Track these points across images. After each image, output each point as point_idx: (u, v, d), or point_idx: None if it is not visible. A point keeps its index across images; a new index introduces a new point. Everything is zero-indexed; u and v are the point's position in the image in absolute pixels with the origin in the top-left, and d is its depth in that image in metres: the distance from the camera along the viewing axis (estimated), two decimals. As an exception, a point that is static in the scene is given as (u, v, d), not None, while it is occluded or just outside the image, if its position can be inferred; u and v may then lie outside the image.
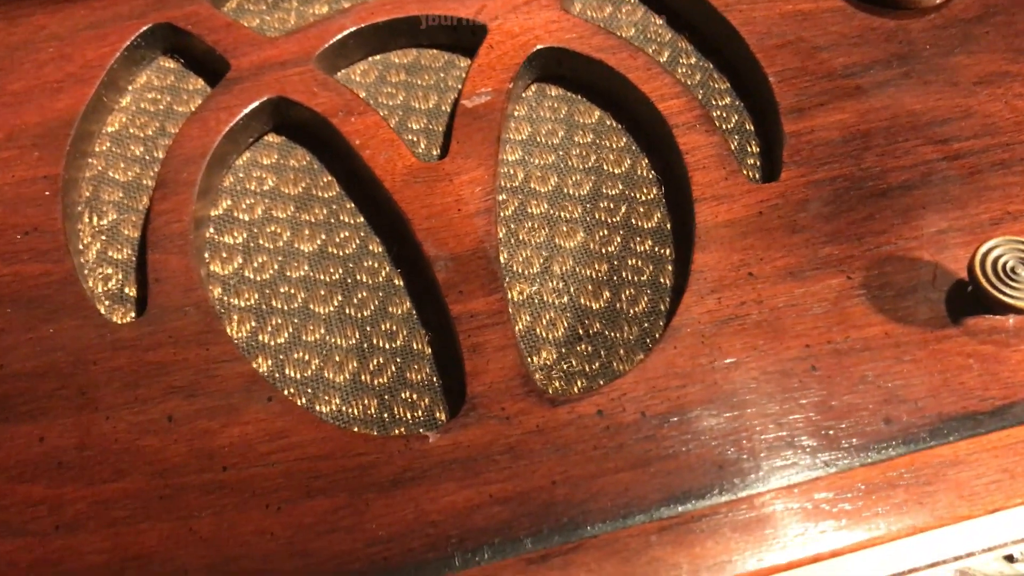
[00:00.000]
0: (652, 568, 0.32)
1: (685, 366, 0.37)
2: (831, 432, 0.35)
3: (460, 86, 0.48)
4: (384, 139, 0.44)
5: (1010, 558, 0.40)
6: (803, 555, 0.32)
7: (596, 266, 0.42)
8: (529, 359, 0.40)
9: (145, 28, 0.49)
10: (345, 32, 0.48)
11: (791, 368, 0.37)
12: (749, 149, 0.46)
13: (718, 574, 0.32)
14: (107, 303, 0.42)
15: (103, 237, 0.43)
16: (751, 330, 0.38)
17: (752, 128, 0.47)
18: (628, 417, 0.36)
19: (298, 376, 0.40)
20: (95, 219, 0.44)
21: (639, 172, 0.45)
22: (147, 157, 0.46)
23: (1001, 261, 0.37)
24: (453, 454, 0.35)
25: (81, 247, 0.43)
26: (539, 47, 0.47)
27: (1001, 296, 0.36)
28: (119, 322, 0.40)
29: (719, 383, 0.36)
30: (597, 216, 0.44)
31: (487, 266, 0.40)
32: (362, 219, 0.44)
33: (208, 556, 0.33)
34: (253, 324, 0.41)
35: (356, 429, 0.38)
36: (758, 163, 0.45)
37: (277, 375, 0.40)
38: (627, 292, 0.42)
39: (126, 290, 0.42)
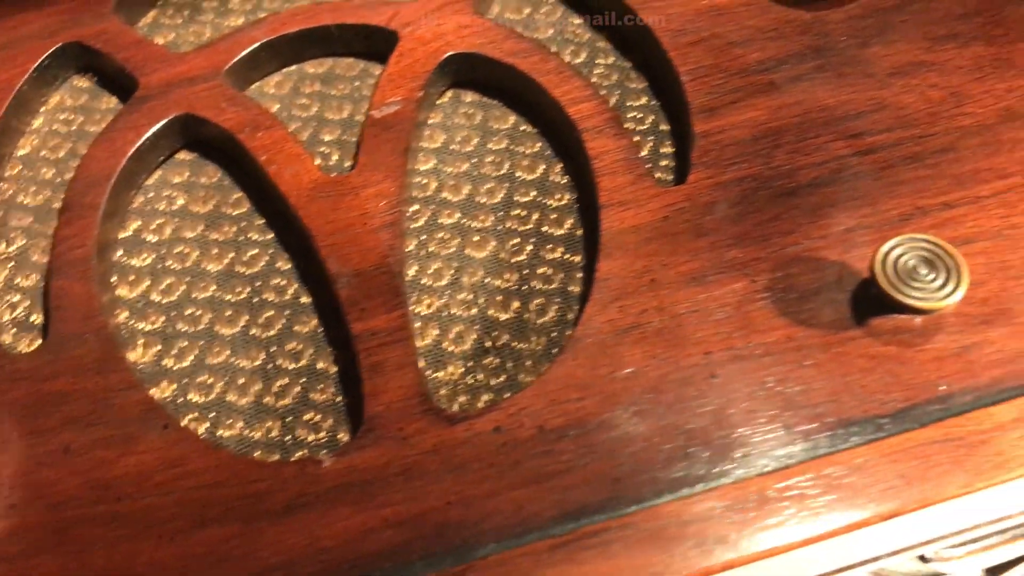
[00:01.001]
0: (542, 588, 0.32)
1: (584, 377, 0.37)
2: (728, 442, 0.35)
3: (373, 95, 0.47)
4: (290, 153, 0.44)
5: (923, 558, 0.39)
6: (696, 569, 0.32)
7: (506, 276, 0.42)
8: (435, 374, 0.39)
9: (55, 48, 0.48)
10: (256, 44, 0.48)
11: (690, 376, 0.36)
12: (663, 151, 0.45)
13: (608, 592, 0.32)
14: (14, 331, 0.41)
15: (11, 264, 0.43)
16: (652, 338, 0.37)
17: (668, 129, 0.46)
18: (526, 432, 0.35)
19: (201, 400, 0.39)
20: (3, 245, 0.44)
21: (552, 178, 0.45)
22: (58, 180, 0.46)
23: (902, 261, 0.36)
24: (348, 477, 0.35)
25: (-11, 275, 0.43)
26: (450, 53, 0.46)
27: (902, 298, 0.36)
28: (24, 351, 0.40)
29: (618, 394, 0.36)
30: (509, 225, 0.43)
31: (390, 282, 0.40)
32: (271, 236, 0.44)
33: (99, 590, 0.33)
34: (158, 348, 0.41)
35: (258, 453, 0.38)
36: (671, 164, 0.45)
37: (180, 400, 0.39)
38: (536, 302, 0.41)
39: (32, 318, 0.42)
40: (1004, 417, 0.35)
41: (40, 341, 0.41)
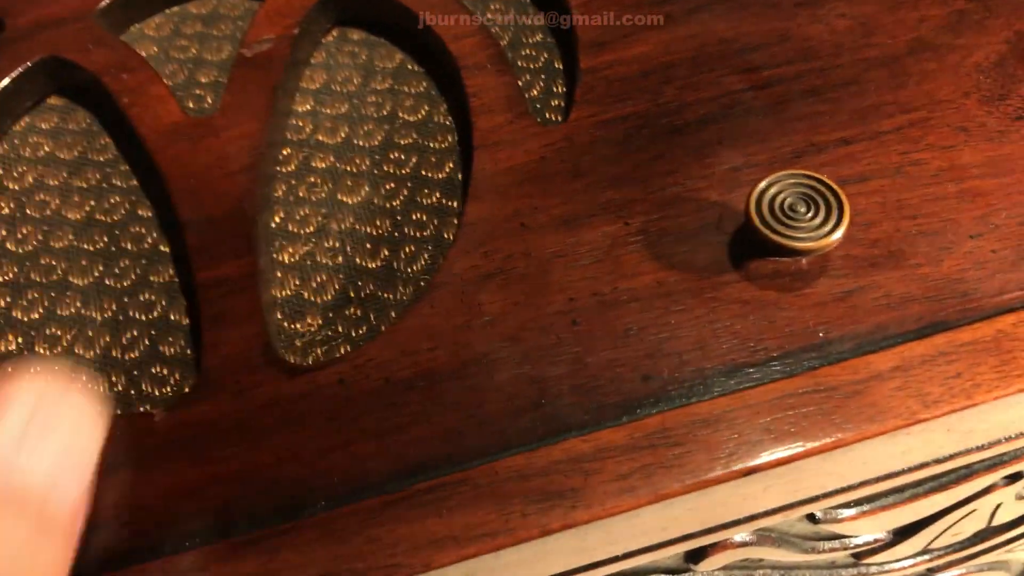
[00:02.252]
0: (369, 548, 0.30)
1: (439, 326, 0.34)
2: (582, 392, 0.32)
3: (253, 35, 0.44)
4: (153, 95, 0.41)
5: (813, 518, 0.37)
6: (531, 531, 0.30)
7: (377, 222, 0.39)
8: (292, 326, 0.37)
9: (-77, -11, 0.46)
10: (131, -17, 0.45)
11: (551, 324, 0.34)
12: (555, 89, 0.42)
13: (438, 553, 0.30)
14: None
15: None
16: (515, 285, 0.35)
17: (561, 67, 0.43)
18: (371, 384, 0.33)
19: (47, 353, 0.37)
20: None
21: (435, 119, 0.42)
22: (-78, 127, 0.44)
23: (779, 199, 0.34)
24: (179, 432, 0.33)
25: None
26: (331, -11, 0.44)
27: (777, 238, 0.33)
28: None
29: (472, 343, 0.34)
30: (385, 168, 0.41)
31: (241, 228, 0.37)
32: (135, 183, 0.41)
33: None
34: (8, 300, 0.39)
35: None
36: (562, 104, 0.42)
37: (26, 352, 0.37)
38: (407, 249, 0.39)
39: None
40: (882, 366, 0.32)
41: None
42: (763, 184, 0.34)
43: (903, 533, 0.42)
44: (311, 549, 0.30)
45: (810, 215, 0.33)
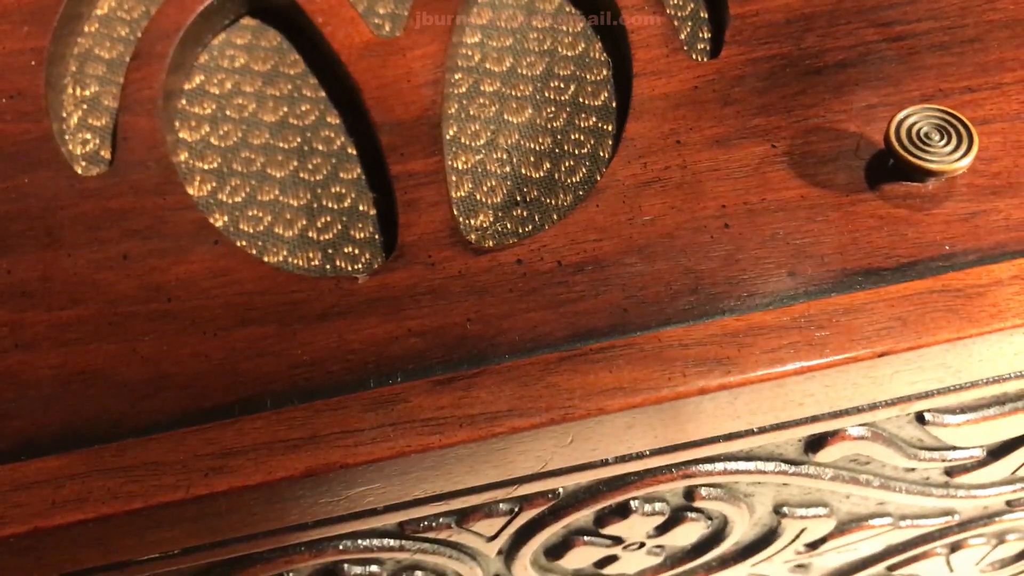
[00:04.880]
0: (548, 391, 0.35)
1: (604, 222, 0.39)
2: (735, 282, 0.37)
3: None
4: (345, 17, 0.46)
5: (921, 419, 0.41)
6: (689, 388, 0.34)
7: (540, 140, 0.44)
8: (467, 221, 0.42)
9: (135, -81, 0.51)
10: (321, -78, 0.50)
11: (705, 225, 0.38)
12: (701, 35, 0.47)
13: (608, 400, 0.34)
14: (84, 164, 0.45)
15: (84, 106, 0.47)
16: (672, 191, 0.39)
17: (706, 16, 0.48)
18: (545, 266, 0.38)
19: (250, 231, 0.42)
20: (78, 90, 0.47)
21: (592, 55, 0.47)
22: (131, 37, 0.49)
23: (916, 127, 0.38)
24: (379, 293, 0.38)
25: (64, 115, 0.46)
26: (502, -65, 0.49)
27: (912, 159, 0.37)
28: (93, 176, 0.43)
29: (634, 237, 0.38)
30: (546, 94, 0.46)
31: (429, 132, 0.42)
32: (323, 93, 0.47)
33: (147, 372, 0.36)
34: (214, 184, 0.44)
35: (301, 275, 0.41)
36: (707, 48, 0.47)
37: (232, 229, 0.42)
38: (566, 164, 0.43)
39: (102, 152, 0.45)
40: (1003, 274, 0.36)
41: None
42: (903, 113, 0.38)
43: (996, 453, 0.46)
44: (499, 389, 0.35)
45: (943, 143, 0.38)
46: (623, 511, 0.43)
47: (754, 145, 0.40)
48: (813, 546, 0.51)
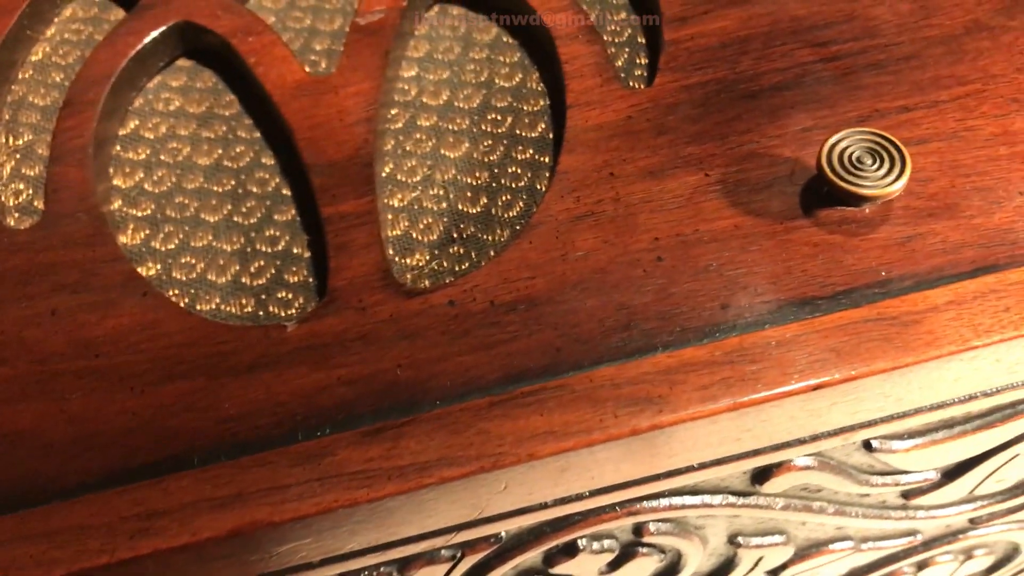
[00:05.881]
0: (479, 438, 0.34)
1: (537, 259, 0.38)
2: (667, 317, 0.36)
3: (363, 8, 0.49)
4: (277, 56, 0.46)
5: (868, 446, 0.41)
6: (622, 430, 0.34)
7: (477, 174, 0.44)
8: (402, 260, 0.41)
9: (68, -38, 0.51)
10: (255, -40, 0.50)
11: (638, 259, 0.38)
12: (638, 61, 0.47)
13: (540, 445, 0.34)
14: (17, 215, 0.44)
15: (17, 156, 0.46)
16: (605, 225, 0.39)
17: (644, 41, 0.47)
18: (477, 306, 0.37)
19: (183, 279, 0.42)
20: (11, 139, 0.47)
21: (529, 85, 0.47)
22: (66, 83, 0.49)
23: (848, 152, 0.38)
24: (308, 341, 0.37)
25: (-3, 165, 0.46)
26: (436, -33, 0.48)
27: (844, 184, 0.37)
28: (22, 229, 0.43)
29: (567, 274, 0.38)
30: (483, 127, 0.45)
31: (361, 171, 0.42)
32: (258, 134, 0.46)
33: (74, 432, 0.36)
34: (147, 232, 0.43)
35: (231, 324, 0.40)
36: (645, 74, 0.46)
37: (164, 278, 0.42)
38: (503, 198, 0.43)
39: (35, 203, 0.44)
40: (938, 299, 0.36)
41: (40, 224, 0.44)
42: (834, 138, 0.38)
43: (951, 474, 0.45)
44: (428, 438, 0.34)
45: (875, 166, 0.37)
46: (570, 550, 0.42)
47: (687, 175, 0.40)
48: (774, 573, 0.50)
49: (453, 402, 0.35)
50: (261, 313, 0.40)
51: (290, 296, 0.41)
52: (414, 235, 0.42)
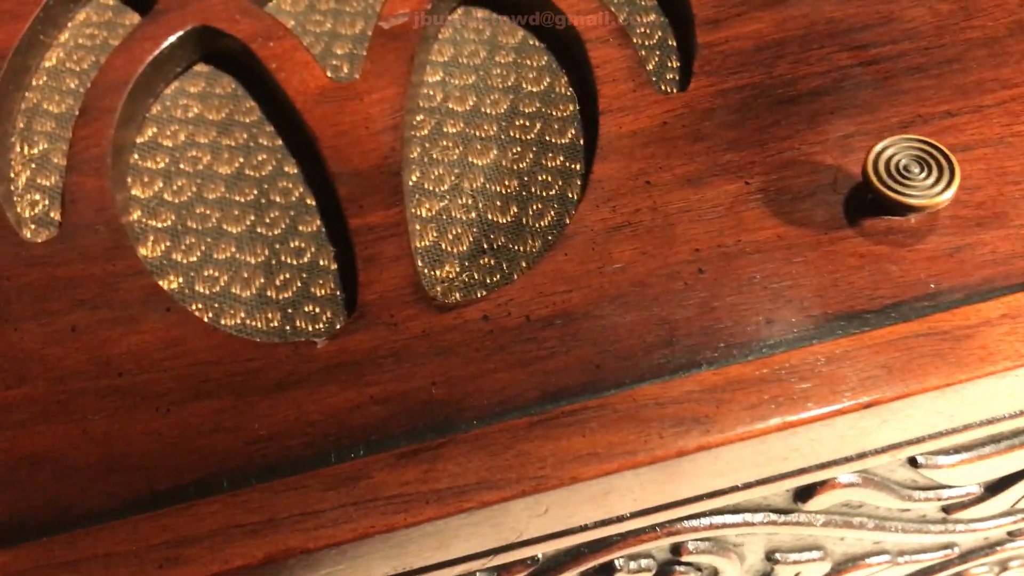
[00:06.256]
0: (518, 461, 0.33)
1: (573, 271, 0.37)
2: (710, 332, 0.35)
3: (385, 11, 0.48)
4: (299, 61, 0.45)
5: (913, 462, 0.39)
6: (671, 448, 0.33)
7: (506, 182, 0.43)
8: (432, 272, 0.40)
9: (82, -35, 0.50)
10: (273, -38, 0.49)
11: (678, 271, 0.37)
12: (669, 64, 0.45)
13: (583, 468, 0.32)
14: (33, 227, 0.43)
15: (33, 165, 0.45)
16: (643, 236, 0.38)
17: (674, 44, 0.46)
18: (512, 321, 0.36)
19: (207, 292, 0.41)
20: (26, 148, 0.45)
21: (557, 90, 0.45)
22: (81, 90, 0.48)
23: (895, 160, 0.36)
24: (339, 358, 0.36)
25: (12, 175, 0.45)
26: (460, -32, 0.47)
27: (892, 194, 0.36)
28: (39, 242, 0.41)
29: (604, 287, 0.37)
30: (512, 134, 0.44)
31: (388, 180, 0.40)
32: (280, 142, 0.45)
33: (97, 454, 0.35)
34: (168, 244, 0.42)
35: (258, 340, 0.39)
36: (676, 77, 0.45)
37: (187, 291, 0.41)
38: (534, 207, 0.42)
39: (51, 214, 0.43)
40: (991, 313, 0.34)
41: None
42: (880, 146, 0.36)
43: (994, 488, 0.44)
44: (466, 460, 0.33)
45: (923, 175, 0.36)
46: (608, 570, 0.41)
47: (727, 183, 0.39)
48: (809, 587, 0.49)
49: (491, 422, 0.34)
50: (288, 328, 0.39)
51: (317, 310, 0.40)
52: (443, 246, 0.41)
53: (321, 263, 0.41)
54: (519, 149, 0.43)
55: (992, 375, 0.33)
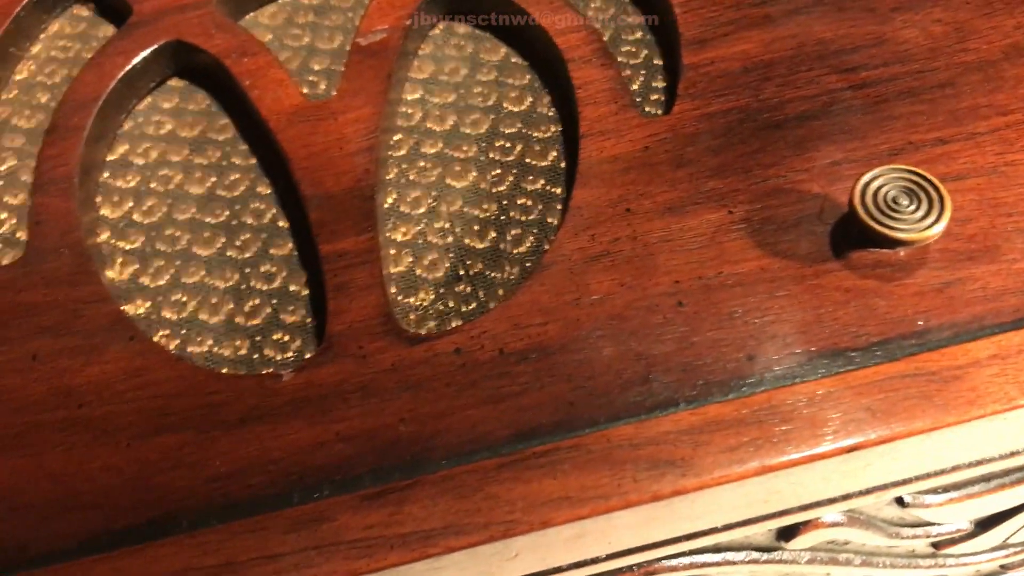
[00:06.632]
0: (487, 504, 0.32)
1: (549, 303, 0.36)
2: (689, 369, 0.34)
3: (364, 26, 0.47)
4: (274, 79, 0.43)
5: (901, 502, 0.38)
6: (646, 492, 0.31)
7: (484, 206, 0.41)
8: (406, 300, 0.39)
9: (55, -24, 0.49)
10: (250, -26, 0.47)
11: (657, 304, 0.35)
12: (655, 84, 0.44)
13: (553, 512, 0.31)
14: (0, 247, 0.42)
15: (0, 183, 0.44)
16: (621, 266, 0.36)
17: (660, 63, 0.45)
18: (485, 355, 0.35)
19: (174, 318, 0.39)
20: (-7, 165, 0.44)
21: (539, 110, 0.44)
22: (52, 104, 0.46)
23: (883, 192, 0.35)
24: (305, 392, 0.35)
25: (-22, 193, 0.43)
26: (441, -17, 0.46)
27: (879, 227, 0.34)
28: (3, 264, 0.40)
29: (581, 320, 0.35)
30: (491, 155, 0.43)
31: (361, 205, 0.39)
32: (254, 161, 0.44)
33: (54, 491, 0.33)
34: (136, 266, 0.41)
35: (225, 370, 0.38)
36: (663, 98, 0.44)
37: (153, 316, 0.39)
38: (513, 232, 0.40)
39: (18, 234, 0.42)
40: (981, 353, 0.33)
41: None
42: (868, 176, 0.35)
43: (985, 524, 0.43)
44: (433, 503, 0.32)
45: (912, 208, 0.35)
46: (583, 608, 0.40)
47: (709, 211, 0.37)
48: (794, 622, 0.48)
49: (460, 462, 0.33)
50: (256, 356, 0.38)
51: (287, 338, 0.38)
52: (418, 272, 0.40)
53: (291, 288, 0.40)
54: (499, 171, 0.42)
55: (980, 419, 0.32)
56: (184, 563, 0.31)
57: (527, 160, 0.42)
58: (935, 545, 0.44)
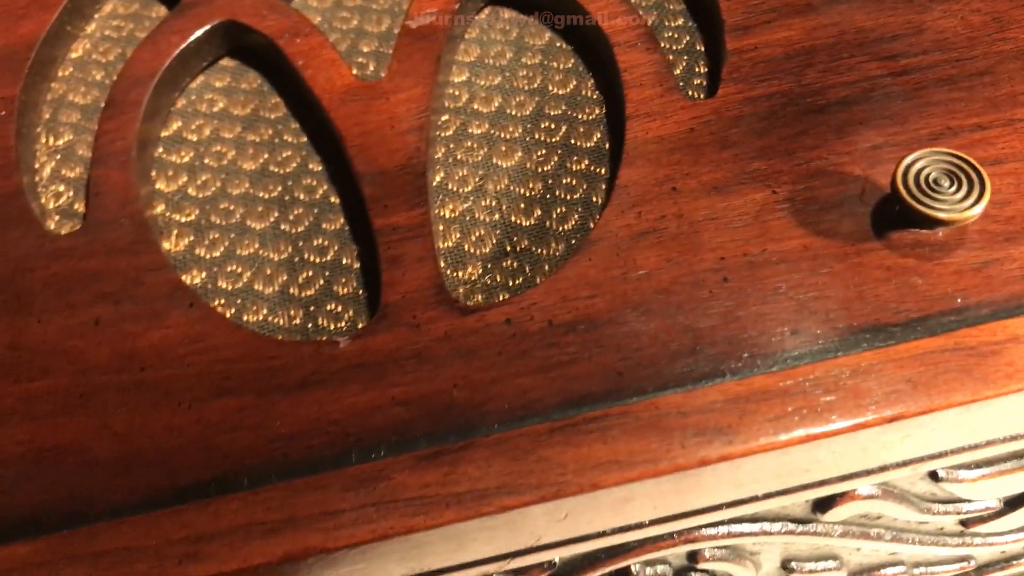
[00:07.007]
0: (539, 466, 0.33)
1: (597, 277, 0.37)
2: (735, 342, 0.35)
3: (412, 10, 0.48)
4: (326, 59, 0.45)
5: (934, 476, 0.39)
6: (693, 457, 0.32)
7: (530, 184, 0.42)
8: (454, 274, 0.40)
9: (110, -43, 0.50)
10: (301, -42, 0.49)
11: (703, 279, 0.36)
12: (697, 70, 0.45)
13: (603, 475, 0.32)
14: (57, 218, 0.43)
15: (58, 156, 0.45)
16: (667, 243, 0.38)
17: (702, 49, 0.46)
18: (535, 326, 0.36)
19: (229, 288, 0.41)
20: (51, 140, 0.46)
21: (583, 93, 0.45)
22: (107, 82, 0.48)
23: (924, 173, 0.36)
24: (361, 359, 0.36)
25: (37, 166, 0.45)
26: (488, -32, 0.47)
27: (921, 207, 0.35)
28: (63, 234, 0.42)
29: (628, 294, 0.36)
30: (537, 136, 0.44)
31: (413, 181, 0.40)
32: (305, 139, 0.45)
33: (119, 449, 0.35)
34: (191, 238, 0.42)
35: (280, 338, 0.39)
36: (704, 83, 0.45)
37: (209, 287, 0.41)
38: (558, 210, 0.42)
39: (76, 206, 0.43)
40: (1019, 329, 0.34)
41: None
42: (910, 158, 0.36)
43: (1014, 503, 0.44)
44: (487, 464, 0.33)
45: (953, 189, 0.36)
46: (624, 575, 0.41)
47: (754, 191, 0.38)
48: (823, 598, 0.49)
49: (512, 426, 0.34)
50: (310, 326, 0.39)
51: (340, 309, 0.40)
52: (466, 247, 0.41)
53: (344, 262, 0.41)
54: (544, 152, 0.43)
55: (1018, 392, 0.33)
56: (247, 518, 0.32)
57: (572, 141, 0.44)
58: (964, 523, 0.45)
